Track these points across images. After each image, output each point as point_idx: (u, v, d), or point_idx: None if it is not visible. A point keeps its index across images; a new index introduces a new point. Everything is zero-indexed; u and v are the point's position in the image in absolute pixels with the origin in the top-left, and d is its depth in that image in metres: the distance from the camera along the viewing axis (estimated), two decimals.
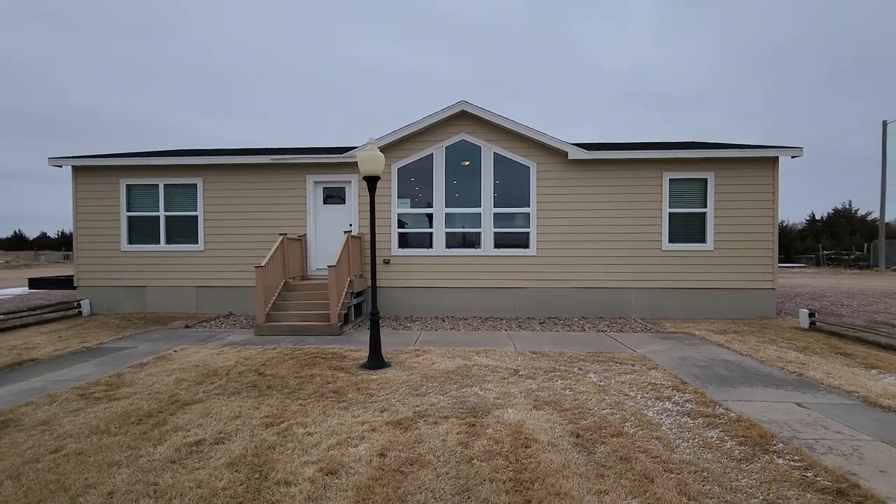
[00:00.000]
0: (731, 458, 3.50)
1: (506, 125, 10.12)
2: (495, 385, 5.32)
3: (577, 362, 6.32)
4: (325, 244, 10.76)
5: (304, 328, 8.32)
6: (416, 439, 3.81)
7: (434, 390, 5.14)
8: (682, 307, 10.15)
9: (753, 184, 10.06)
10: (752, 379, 5.59)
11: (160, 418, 4.29)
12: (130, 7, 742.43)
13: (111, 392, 5.07)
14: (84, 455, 3.53)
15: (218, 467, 3.33)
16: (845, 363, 6.26)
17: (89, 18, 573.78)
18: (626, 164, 10.19)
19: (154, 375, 5.73)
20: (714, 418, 4.30)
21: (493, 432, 3.96)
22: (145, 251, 10.95)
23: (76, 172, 10.97)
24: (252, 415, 4.38)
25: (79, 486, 3.08)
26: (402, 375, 5.70)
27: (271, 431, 3.98)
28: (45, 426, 4.11)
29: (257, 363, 6.29)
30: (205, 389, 5.17)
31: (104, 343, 7.65)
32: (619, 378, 5.62)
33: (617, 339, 7.93)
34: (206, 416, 4.36)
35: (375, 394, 5.04)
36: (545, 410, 4.51)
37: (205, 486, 3.08)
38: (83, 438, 3.84)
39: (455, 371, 5.88)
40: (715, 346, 7.41)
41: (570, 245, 10.29)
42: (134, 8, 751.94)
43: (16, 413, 4.41)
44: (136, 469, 3.32)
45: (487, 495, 2.96)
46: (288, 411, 4.46)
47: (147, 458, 3.49)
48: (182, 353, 6.88)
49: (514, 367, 6.10)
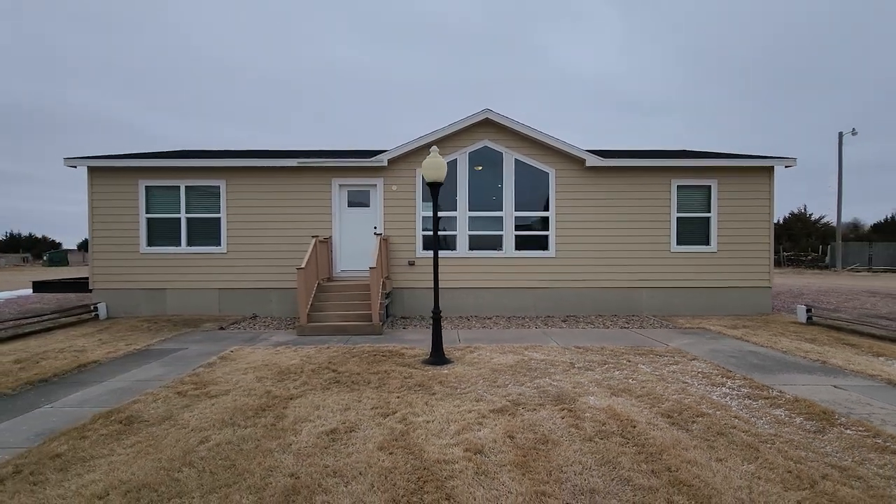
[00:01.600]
0: (806, 431, 4.07)
1: (527, 133, 10.64)
2: (562, 377, 5.77)
3: (622, 355, 6.86)
4: (349, 247, 10.97)
5: (346, 328, 8.55)
6: (529, 423, 4.21)
7: (510, 382, 5.54)
8: (689, 305, 10.92)
9: (752, 191, 10.95)
10: (784, 367, 6.27)
11: (277, 412, 4.52)
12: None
13: (203, 389, 5.23)
14: (235, 444, 3.76)
15: (371, 451, 3.63)
16: (854, 352, 7.06)
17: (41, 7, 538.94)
18: (638, 171, 10.89)
19: (231, 374, 5.89)
20: (773, 399, 4.89)
21: (592, 416, 4.40)
22: (165, 253, 10.86)
23: (92, 173, 10.77)
24: (360, 407, 4.67)
25: (258, 469, 3.33)
26: (470, 370, 6.07)
27: (392, 420, 4.29)
28: (169, 421, 4.28)
29: (322, 361, 6.52)
30: (293, 386, 5.39)
31: (151, 345, 7.66)
32: (668, 368, 6.18)
33: (643, 335, 8.54)
34: (318, 408, 4.62)
35: (458, 387, 5.40)
36: (623, 397, 4.99)
37: (374, 465, 3.39)
38: (219, 430, 4.05)
39: (516, 365, 6.30)
40: (734, 339, 8.12)
41: (586, 247, 10.90)
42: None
43: (132, 410, 4.54)
44: (296, 454, 3.58)
45: (629, 464, 3.40)
46: (391, 403, 4.77)
47: (296, 445, 3.75)
48: (239, 354, 7.02)
49: (568, 360, 6.58)
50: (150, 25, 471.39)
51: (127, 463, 3.44)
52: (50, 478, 3.23)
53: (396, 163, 10.80)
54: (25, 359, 6.58)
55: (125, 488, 3.08)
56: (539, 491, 3.01)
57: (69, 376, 5.86)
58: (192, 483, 3.15)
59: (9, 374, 5.78)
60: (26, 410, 4.63)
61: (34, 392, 5.24)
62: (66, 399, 5.00)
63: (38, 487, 3.10)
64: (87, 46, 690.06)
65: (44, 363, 6.36)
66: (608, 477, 3.22)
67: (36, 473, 3.27)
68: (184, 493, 3.02)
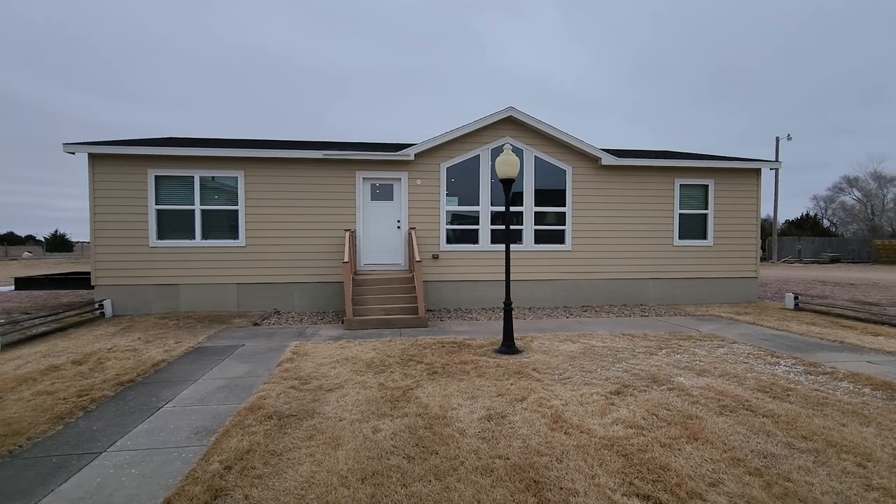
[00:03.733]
0: (879, 399, 4.78)
1: (548, 131, 11.09)
2: (636, 361, 6.26)
3: (669, 341, 7.49)
4: (372, 240, 10.95)
5: (392, 321, 8.63)
6: (656, 402, 4.62)
7: (595, 367, 5.95)
8: (689, 294, 11.89)
9: (742, 190, 12.07)
10: (813, 347, 7.13)
11: (413, 402, 4.64)
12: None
13: (310, 384, 5.21)
14: (411, 432, 3.88)
15: (545, 432, 3.89)
16: (857, 333, 8.11)
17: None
18: (646, 170, 11.66)
19: (321, 368, 5.87)
20: (832, 374, 5.63)
21: (701, 393, 4.90)
22: (178, 247, 10.32)
23: (94, 161, 10.00)
24: (483, 394, 4.88)
25: (463, 453, 3.50)
26: (549, 358, 6.43)
27: (529, 404, 4.55)
28: (318, 415, 4.30)
29: (398, 354, 6.62)
30: (397, 377, 5.49)
31: (202, 344, 7.37)
32: (719, 351, 6.85)
33: (668, 322, 9.27)
34: (445, 396, 4.78)
35: (552, 372, 5.74)
36: (707, 377, 5.54)
37: (567, 444, 3.65)
38: (378, 419, 4.14)
39: (585, 352, 6.74)
40: (749, 324, 9.03)
41: (599, 241, 11.56)
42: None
43: (268, 406, 4.49)
44: (481, 438, 3.77)
45: (778, 431, 3.89)
46: (511, 389, 5.02)
47: (471, 430, 3.93)
48: (305, 349, 6.95)
49: (626, 346, 7.10)
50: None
51: (326, 454, 3.49)
52: (265, 471, 3.23)
53: (421, 157, 10.89)
54: (82, 360, 6.17)
55: (357, 476, 3.16)
56: (732, 458, 3.42)
57: (150, 377, 5.60)
58: (416, 468, 3.27)
59: (87, 377, 5.44)
60: (151, 411, 4.45)
61: (133, 392, 5.00)
62: (179, 398, 4.83)
63: (266, 480, 3.11)
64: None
65: (108, 364, 6.01)
66: (771, 443, 3.70)
67: (248, 468, 3.26)
68: (419, 478, 3.15)
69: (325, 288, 10.74)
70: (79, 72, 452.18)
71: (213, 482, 3.06)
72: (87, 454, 3.55)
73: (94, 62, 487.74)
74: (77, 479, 3.19)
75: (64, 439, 3.81)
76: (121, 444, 3.71)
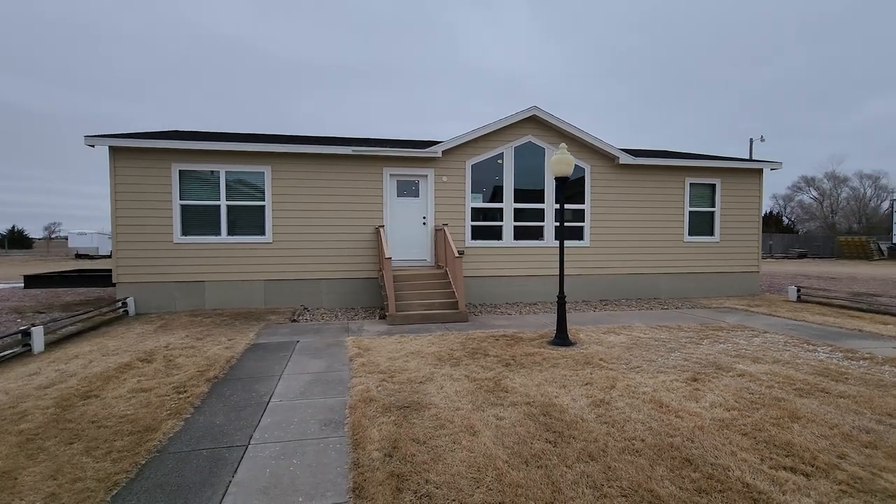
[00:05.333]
0: None
1: (570, 131, 11.41)
2: (688, 350, 6.62)
3: (706, 331, 7.92)
4: (397, 237, 11.02)
5: (434, 316, 8.76)
6: (735, 386, 4.97)
7: (655, 357, 6.27)
8: (698, 288, 12.49)
9: (746, 189, 12.74)
10: (837, 335, 7.69)
11: (511, 392, 4.83)
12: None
13: (397, 377, 5.33)
14: (551, 419, 4.08)
15: (655, 415, 4.16)
16: (867, 322, 8.75)
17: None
18: (660, 169, 12.16)
19: (395, 361, 5.98)
20: (871, 359, 6.13)
21: (769, 379, 5.27)
22: (203, 243, 10.12)
23: (115, 154, 9.69)
24: (575, 381, 5.12)
25: (631, 433, 3.73)
26: (605, 349, 6.72)
27: (620, 390, 4.82)
28: (471, 410, 4.44)
29: (457, 347, 6.76)
30: (476, 369, 5.66)
31: (257, 341, 7.32)
32: (755, 340, 7.30)
33: (692, 315, 9.76)
34: (538, 385, 5.00)
35: (618, 362, 6.02)
36: (762, 364, 5.95)
37: (684, 425, 3.93)
38: (508, 409, 4.31)
39: (636, 343, 7.07)
40: (766, 315, 9.60)
41: (616, 237, 11.99)
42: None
43: (401, 400, 4.59)
44: (600, 423, 4.01)
45: (864, 410, 4.28)
46: (595, 377, 5.27)
47: (589, 415, 4.17)
48: (364, 344, 7.01)
49: (670, 337, 7.48)
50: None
51: (471, 441, 3.64)
52: (425, 457, 3.36)
53: (448, 154, 11.03)
54: (148, 358, 6.07)
55: (517, 459, 3.34)
56: (841, 433, 3.77)
57: (230, 374, 5.55)
58: (565, 451, 3.47)
59: (168, 374, 5.38)
60: (261, 406, 4.47)
61: (226, 388, 4.99)
62: (277, 393, 4.85)
63: (433, 466, 3.24)
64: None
65: (179, 361, 5.94)
66: (864, 419, 4.07)
67: (408, 456, 3.39)
68: (577, 459, 3.35)
69: (352, 284, 10.76)
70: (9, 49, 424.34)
71: (387, 468, 3.18)
72: (234, 447, 3.58)
73: (36, 45, 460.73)
74: (245, 469, 3.24)
75: (194, 434, 3.82)
76: (259, 437, 3.76)
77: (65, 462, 3.26)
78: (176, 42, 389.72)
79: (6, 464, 3.21)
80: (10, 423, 3.96)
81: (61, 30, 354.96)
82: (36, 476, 3.08)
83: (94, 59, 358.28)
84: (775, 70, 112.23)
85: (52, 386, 4.93)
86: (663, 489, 2.94)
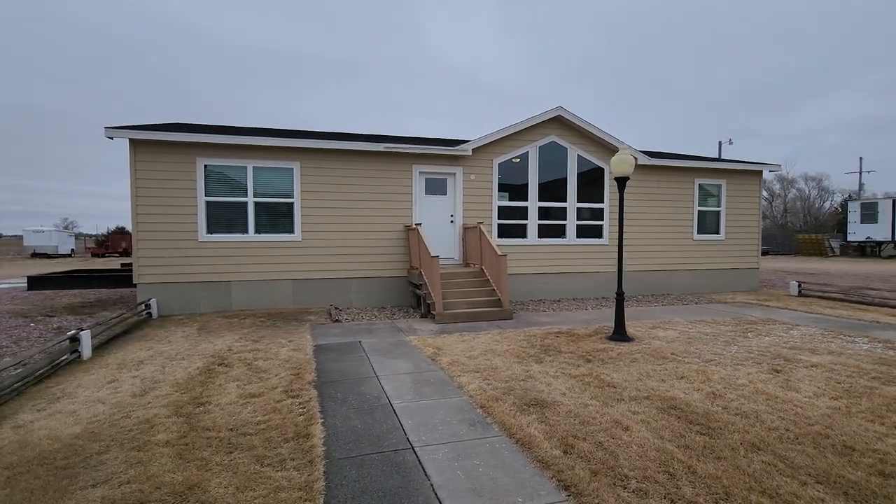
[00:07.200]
0: None
1: (593, 132, 11.68)
2: (743, 343, 6.96)
3: (744, 325, 8.34)
4: (426, 235, 10.93)
5: (479, 314, 8.79)
6: (818, 376, 5.28)
7: (718, 349, 6.57)
8: (707, 284, 13.08)
9: (747, 190, 13.45)
10: (861, 327, 8.25)
11: (609, 386, 4.96)
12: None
13: (496, 374, 5.36)
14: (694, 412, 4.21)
15: (778, 406, 4.38)
16: (880, 314, 9.44)
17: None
18: (672, 170, 12.64)
19: (475, 360, 5.99)
20: None
21: (842, 369, 5.63)
22: (230, 241, 9.72)
23: (135, 147, 9.14)
24: (667, 374, 5.31)
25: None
26: (666, 344, 6.98)
27: (716, 383, 5.03)
28: (599, 405, 4.49)
29: (524, 344, 6.86)
30: (563, 366, 5.76)
31: (319, 343, 7.12)
32: (793, 332, 7.75)
33: (716, 309, 10.21)
34: (639, 380, 5.15)
35: (689, 356, 6.26)
36: (823, 355, 6.33)
37: (812, 409, 4.16)
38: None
39: (690, 337, 7.38)
40: (783, 309, 10.18)
41: (633, 235, 12.36)
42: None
43: (522, 398, 4.59)
44: (734, 415, 4.18)
45: None
46: (683, 371, 5.48)
47: (715, 407, 4.34)
48: (430, 343, 6.98)
49: (715, 331, 7.83)
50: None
51: (626, 431, 3.72)
52: (602, 453, 3.42)
53: (477, 152, 11.05)
54: (222, 362, 5.80)
55: (693, 449, 3.45)
56: None
57: (322, 376, 5.40)
58: (725, 442, 3.61)
59: (260, 378, 5.17)
60: (386, 408, 4.39)
61: (333, 390, 4.85)
62: (390, 395, 4.76)
63: (617, 457, 3.31)
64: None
65: (259, 364, 5.72)
66: None
67: (584, 451, 3.43)
68: (750, 449, 3.49)
69: (381, 283, 10.62)
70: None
71: (582, 465, 3.22)
72: (399, 450, 3.51)
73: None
74: (435, 472, 3.19)
75: (346, 438, 3.71)
76: (417, 440, 3.69)
77: (245, 472, 3.11)
78: (121, 27, 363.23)
79: (186, 477, 3.03)
80: (141, 433, 3.72)
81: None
82: (228, 488, 2.92)
83: (37, 45, 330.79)
84: (730, 71, 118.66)
85: (147, 394, 4.65)
86: (851, 475, 3.12)
